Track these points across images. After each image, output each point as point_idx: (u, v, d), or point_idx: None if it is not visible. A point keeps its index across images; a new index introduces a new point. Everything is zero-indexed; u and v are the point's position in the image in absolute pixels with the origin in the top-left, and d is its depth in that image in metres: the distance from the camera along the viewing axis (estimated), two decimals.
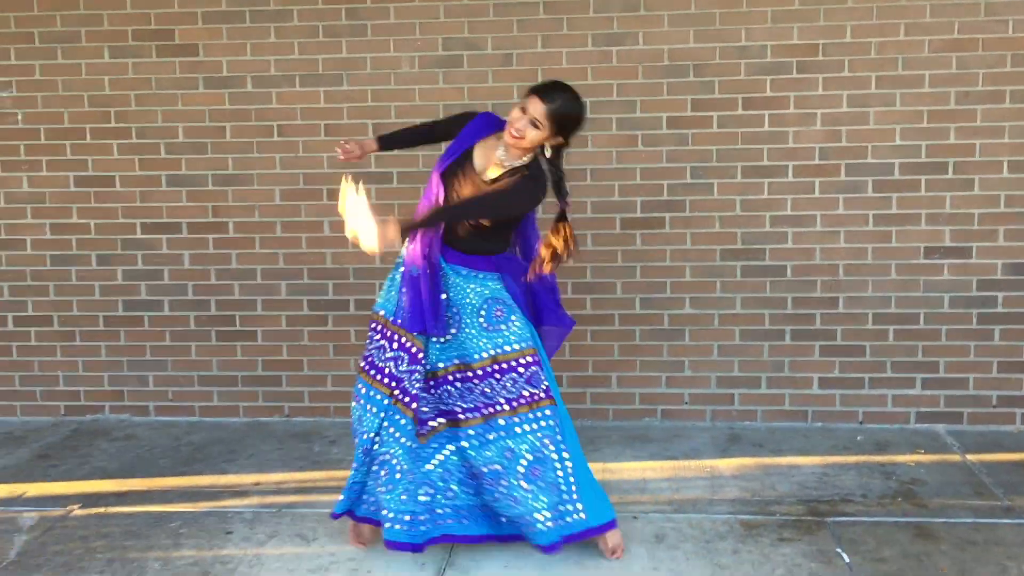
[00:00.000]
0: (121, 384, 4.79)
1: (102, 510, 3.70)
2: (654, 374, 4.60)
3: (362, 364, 3.29)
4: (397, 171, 4.55)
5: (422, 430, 3.14)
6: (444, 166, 3.15)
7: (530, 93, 3.01)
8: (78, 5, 4.53)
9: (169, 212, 4.66)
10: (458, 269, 3.16)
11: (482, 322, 3.12)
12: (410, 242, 3.14)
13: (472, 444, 3.12)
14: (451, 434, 3.16)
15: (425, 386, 3.16)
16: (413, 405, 3.13)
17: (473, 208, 3.07)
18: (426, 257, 3.10)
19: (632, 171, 4.47)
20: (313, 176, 4.58)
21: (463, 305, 3.14)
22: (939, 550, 3.26)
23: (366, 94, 4.51)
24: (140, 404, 4.79)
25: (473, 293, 3.15)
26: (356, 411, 3.27)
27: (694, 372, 4.59)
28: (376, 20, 4.46)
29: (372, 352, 3.25)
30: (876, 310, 4.47)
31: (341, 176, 3.00)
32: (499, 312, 3.13)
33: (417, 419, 3.14)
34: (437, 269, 3.13)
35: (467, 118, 3.26)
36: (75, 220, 4.69)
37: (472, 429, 3.13)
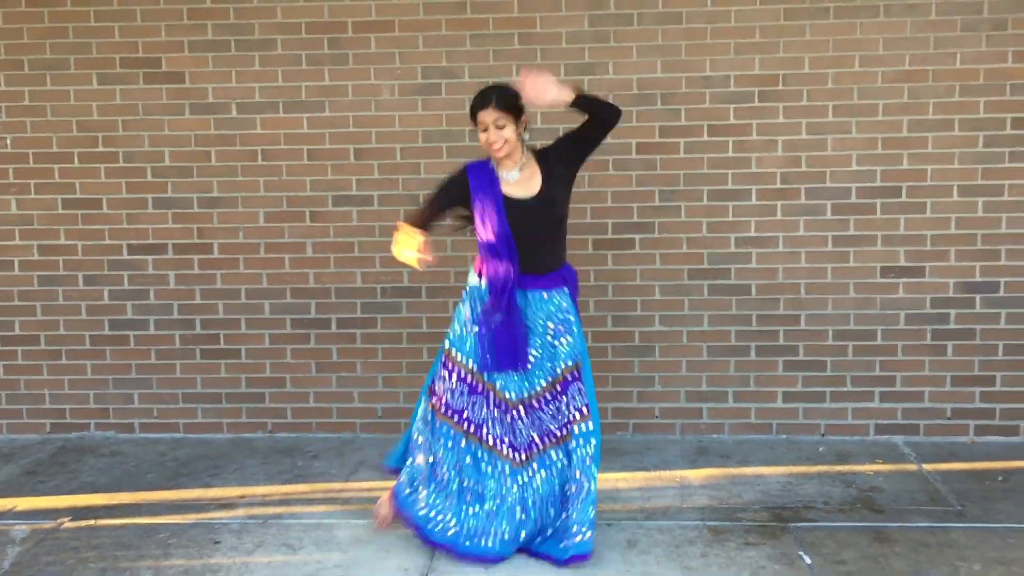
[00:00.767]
0: (107, 402, 4.89)
1: (92, 522, 3.81)
2: (626, 389, 4.77)
3: (437, 404, 3.45)
4: (378, 194, 4.71)
5: (517, 457, 3.36)
6: (503, 227, 3.25)
7: (473, 115, 3.29)
8: (67, 33, 4.67)
9: (155, 234, 4.79)
10: (538, 295, 3.35)
11: (550, 339, 3.35)
12: (485, 277, 3.32)
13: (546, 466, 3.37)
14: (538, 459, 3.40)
15: (504, 417, 3.37)
16: (493, 441, 3.38)
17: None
18: (507, 304, 3.27)
19: (603, 194, 4.66)
20: (296, 199, 4.74)
21: (535, 329, 3.35)
22: (895, 552, 3.45)
23: (348, 120, 4.68)
24: (125, 421, 4.90)
25: (545, 315, 3.36)
26: (429, 441, 3.48)
27: (664, 387, 4.77)
28: (357, 49, 4.64)
29: (447, 393, 3.43)
30: (836, 327, 4.68)
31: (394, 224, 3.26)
32: (560, 327, 3.35)
33: (505, 448, 3.37)
34: (516, 310, 3.29)
35: (462, 178, 3.39)
36: (62, 241, 4.80)
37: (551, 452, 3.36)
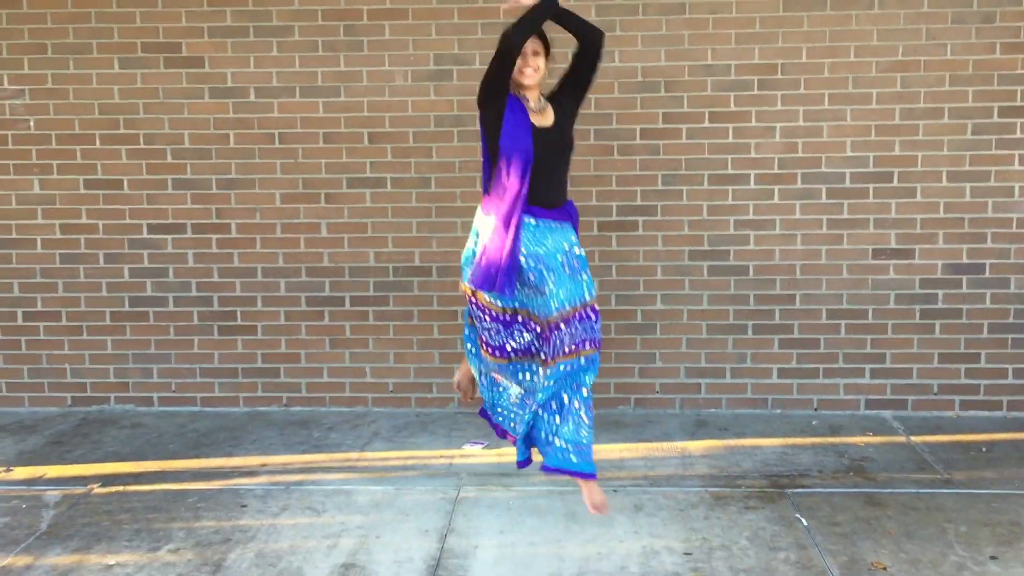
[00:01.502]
0: (126, 376, 5.06)
1: (121, 488, 3.98)
2: (628, 365, 4.98)
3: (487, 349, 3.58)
4: (391, 176, 4.89)
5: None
6: (528, 143, 3.38)
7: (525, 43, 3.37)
8: (90, 18, 4.82)
9: (174, 214, 4.95)
10: (550, 224, 3.44)
11: (567, 272, 3.43)
12: (495, 201, 3.44)
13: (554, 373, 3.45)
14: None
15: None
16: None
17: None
18: (508, 222, 3.36)
19: (608, 178, 4.85)
20: (311, 181, 4.90)
21: (554, 258, 3.42)
22: (886, 515, 3.66)
23: (362, 105, 4.85)
24: (144, 395, 5.07)
25: (560, 245, 3.45)
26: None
27: (664, 363, 4.97)
28: (372, 36, 4.81)
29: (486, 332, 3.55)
30: (829, 306, 4.89)
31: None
32: (575, 263, 3.47)
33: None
34: (518, 231, 3.37)
35: (503, 95, 3.48)
36: (84, 221, 4.96)
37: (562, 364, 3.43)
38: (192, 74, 4.86)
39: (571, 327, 3.36)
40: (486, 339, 3.54)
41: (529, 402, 3.50)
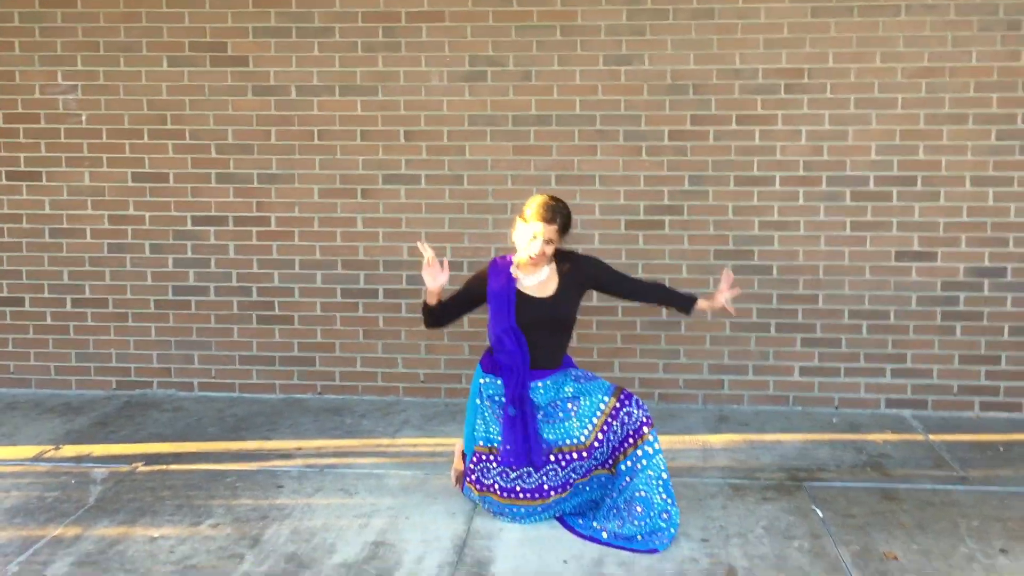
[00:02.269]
0: (169, 362, 5.26)
1: (163, 467, 4.16)
2: (652, 361, 5.10)
3: (481, 488, 3.63)
4: (425, 173, 5.05)
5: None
6: (511, 320, 3.53)
7: (533, 219, 3.49)
8: (140, 18, 5.02)
9: (217, 207, 5.14)
10: (535, 384, 3.60)
11: (561, 416, 3.58)
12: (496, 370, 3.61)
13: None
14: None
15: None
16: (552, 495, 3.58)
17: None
18: (518, 398, 3.53)
19: (636, 178, 4.98)
20: (348, 177, 5.07)
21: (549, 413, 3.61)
22: (901, 509, 3.75)
23: (399, 104, 5.01)
24: (186, 380, 5.27)
25: (548, 400, 3.62)
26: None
27: (688, 360, 5.09)
28: (409, 38, 4.97)
29: (495, 479, 3.61)
30: (852, 307, 4.98)
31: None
32: (568, 404, 3.58)
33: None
34: (531, 406, 3.55)
35: (482, 276, 3.65)
36: (131, 212, 5.16)
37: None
38: (236, 72, 5.04)
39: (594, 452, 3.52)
40: (520, 487, 3.55)
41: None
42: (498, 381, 3.61)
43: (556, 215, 3.51)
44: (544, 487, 3.52)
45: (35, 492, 3.86)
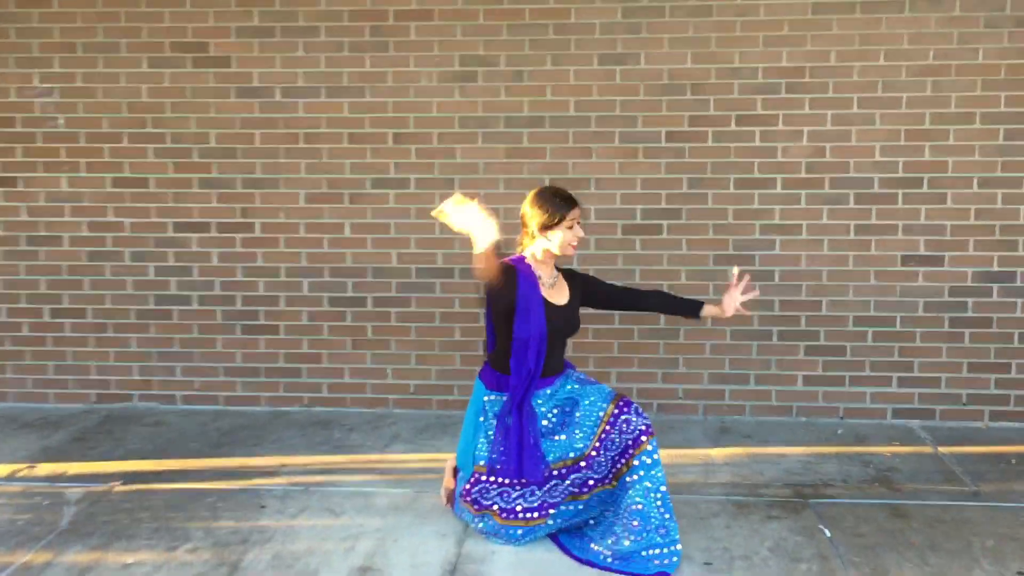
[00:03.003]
0: (150, 374, 5.09)
1: (142, 486, 3.99)
2: (651, 370, 4.94)
3: (479, 508, 3.48)
4: (415, 177, 4.88)
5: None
6: (543, 326, 3.38)
7: (572, 207, 3.38)
8: (119, 18, 4.85)
9: (200, 213, 4.97)
10: (559, 382, 3.51)
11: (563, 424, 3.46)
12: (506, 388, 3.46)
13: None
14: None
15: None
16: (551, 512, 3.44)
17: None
18: (518, 405, 3.40)
19: (633, 181, 4.81)
20: (336, 181, 4.91)
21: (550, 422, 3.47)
22: (911, 527, 3.60)
23: (387, 106, 4.84)
24: (168, 393, 5.09)
25: (549, 407, 3.49)
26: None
27: (688, 369, 4.93)
28: (398, 37, 4.80)
29: (494, 499, 3.46)
30: (856, 313, 4.83)
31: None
32: (566, 408, 3.48)
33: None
34: (529, 417, 3.41)
35: (511, 270, 3.40)
36: (111, 219, 4.99)
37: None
38: (219, 74, 4.88)
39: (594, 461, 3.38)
40: (521, 506, 3.41)
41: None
42: (504, 398, 3.46)
43: (576, 200, 3.43)
44: (546, 504, 3.38)
45: (5, 515, 3.69)
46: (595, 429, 3.36)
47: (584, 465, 3.36)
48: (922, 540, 3.48)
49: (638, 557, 3.22)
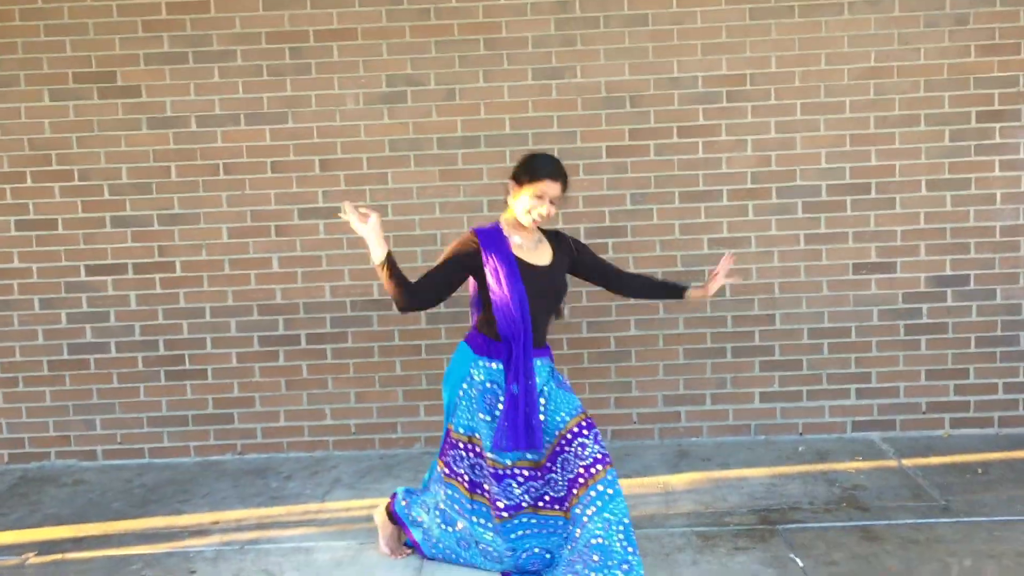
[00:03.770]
0: (67, 429, 4.72)
1: (59, 556, 3.64)
2: (603, 395, 4.72)
3: (449, 474, 3.34)
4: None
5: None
6: (521, 287, 3.20)
7: (541, 179, 3.17)
8: (16, 49, 4.51)
9: (114, 253, 4.63)
10: (545, 362, 3.33)
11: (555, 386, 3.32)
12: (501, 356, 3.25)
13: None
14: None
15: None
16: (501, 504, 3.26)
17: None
18: (523, 372, 3.19)
19: (575, 199, 4.61)
20: (260, 213, 4.62)
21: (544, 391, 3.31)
22: (885, 551, 3.42)
23: (312, 131, 4.58)
24: (87, 448, 4.73)
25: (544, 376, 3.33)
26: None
27: (641, 392, 4.73)
28: (320, 59, 4.54)
29: (465, 470, 3.32)
30: (810, 325, 4.68)
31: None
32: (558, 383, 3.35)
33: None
34: (534, 383, 3.23)
35: (472, 244, 3.25)
36: (16, 264, 4.62)
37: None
38: (128, 104, 4.56)
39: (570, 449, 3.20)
40: (497, 500, 3.26)
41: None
42: (493, 364, 3.23)
43: (561, 173, 3.22)
44: (498, 504, 3.21)
45: None
46: (552, 439, 3.20)
47: (539, 474, 3.21)
48: (898, 564, 3.31)
49: None
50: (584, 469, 3.10)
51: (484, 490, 3.28)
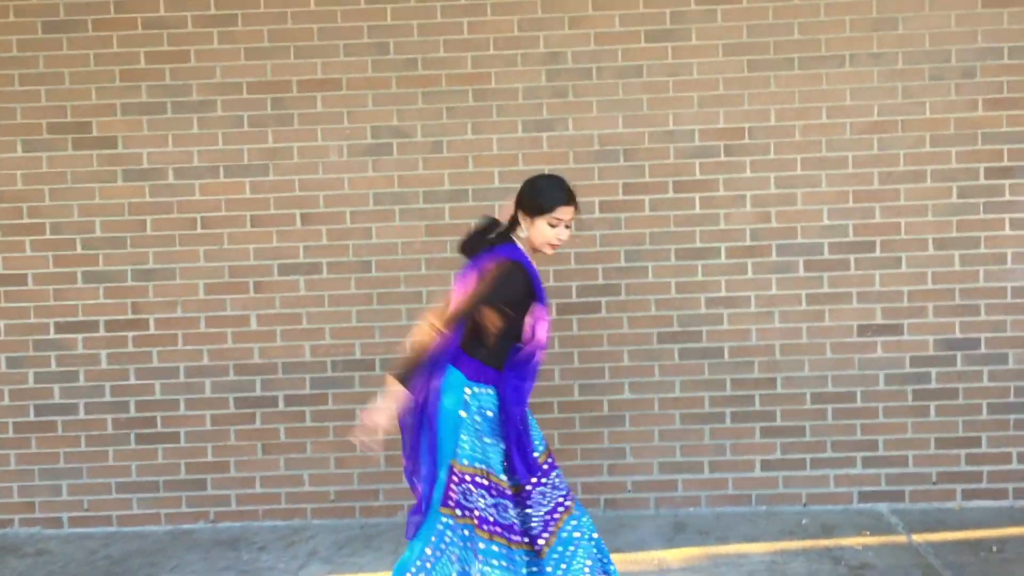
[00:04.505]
0: (32, 495, 4.49)
1: None
2: (596, 462, 4.49)
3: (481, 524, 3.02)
4: (327, 261, 4.42)
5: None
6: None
7: (555, 207, 2.95)
8: None
9: (85, 310, 4.44)
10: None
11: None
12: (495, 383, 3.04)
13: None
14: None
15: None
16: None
17: None
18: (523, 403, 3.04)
19: (567, 256, 4.42)
20: (238, 268, 4.43)
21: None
22: None
23: (293, 183, 4.41)
24: (53, 516, 4.49)
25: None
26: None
27: (636, 459, 4.49)
28: (303, 109, 4.39)
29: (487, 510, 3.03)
30: (814, 389, 4.45)
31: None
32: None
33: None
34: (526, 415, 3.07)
35: (521, 271, 2.97)
36: None
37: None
38: (104, 155, 4.40)
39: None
40: (497, 521, 3.00)
41: None
42: (488, 390, 2.98)
43: (573, 195, 3.00)
44: (514, 525, 3.02)
45: None
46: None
47: (520, 500, 3.02)
48: None
49: None
50: (550, 511, 2.99)
51: (495, 525, 3.00)
